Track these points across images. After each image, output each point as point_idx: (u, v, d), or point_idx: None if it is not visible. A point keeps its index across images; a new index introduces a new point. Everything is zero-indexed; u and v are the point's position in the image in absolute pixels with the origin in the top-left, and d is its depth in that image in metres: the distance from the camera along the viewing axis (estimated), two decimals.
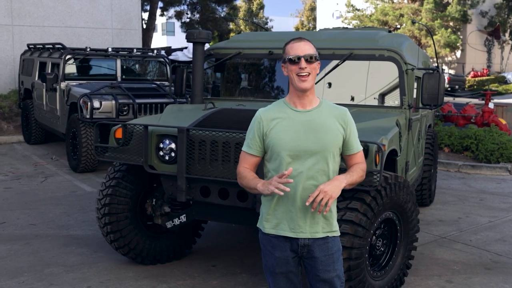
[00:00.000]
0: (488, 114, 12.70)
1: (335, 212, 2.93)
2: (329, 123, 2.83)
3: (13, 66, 15.50)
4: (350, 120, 2.90)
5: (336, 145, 2.84)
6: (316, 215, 2.81)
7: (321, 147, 2.79)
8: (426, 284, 4.85)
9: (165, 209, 4.94)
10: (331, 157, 2.83)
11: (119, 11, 17.72)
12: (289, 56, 2.81)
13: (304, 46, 2.82)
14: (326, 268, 2.87)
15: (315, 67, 2.83)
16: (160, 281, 4.78)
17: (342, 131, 2.86)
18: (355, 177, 2.86)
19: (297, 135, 2.80)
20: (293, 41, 2.87)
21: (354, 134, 2.92)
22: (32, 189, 8.16)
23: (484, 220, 6.95)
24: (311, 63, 2.80)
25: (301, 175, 2.79)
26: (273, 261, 2.91)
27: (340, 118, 2.87)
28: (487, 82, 29.77)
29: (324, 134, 2.81)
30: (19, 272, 4.93)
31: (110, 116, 9.10)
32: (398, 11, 34.21)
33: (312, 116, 2.83)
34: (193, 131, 4.34)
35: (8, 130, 13.50)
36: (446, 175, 9.97)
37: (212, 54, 5.88)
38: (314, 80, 2.84)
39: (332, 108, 2.90)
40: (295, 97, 2.87)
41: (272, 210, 2.88)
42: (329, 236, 2.87)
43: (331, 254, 2.88)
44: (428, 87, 5.05)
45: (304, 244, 2.85)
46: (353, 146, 2.91)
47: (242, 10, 52.99)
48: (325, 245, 2.86)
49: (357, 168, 2.90)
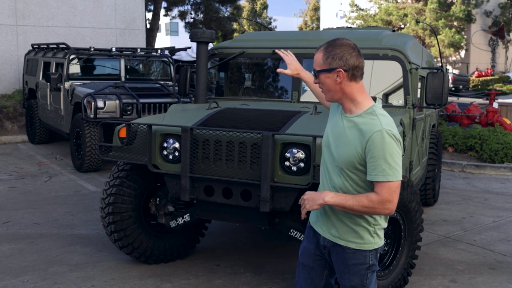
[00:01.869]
0: (492, 114, 12.68)
1: (366, 224, 2.69)
2: (352, 137, 2.60)
3: (18, 66, 15.55)
4: (372, 141, 2.52)
5: (349, 163, 2.60)
6: (329, 216, 2.73)
7: (336, 157, 2.66)
8: (430, 283, 4.85)
9: (169, 209, 4.95)
10: (344, 170, 2.63)
11: (123, 11, 17.74)
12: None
13: (315, 59, 2.68)
14: (342, 275, 2.78)
15: (325, 78, 2.63)
16: (164, 280, 4.79)
17: (359, 150, 2.57)
18: (350, 202, 2.55)
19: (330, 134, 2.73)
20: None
21: (373, 158, 2.52)
22: (36, 188, 8.18)
23: (488, 220, 6.93)
24: (317, 77, 2.68)
25: (324, 172, 2.78)
26: (302, 249, 2.94)
27: (364, 134, 2.56)
28: (492, 82, 29.73)
29: (343, 147, 2.62)
30: (23, 271, 4.94)
31: (114, 116, 9.12)
32: (402, 10, 34.18)
33: (346, 124, 2.65)
34: (197, 130, 4.34)
35: (12, 129, 13.53)
36: (450, 175, 9.96)
37: (216, 54, 5.88)
38: (331, 92, 2.65)
39: (366, 121, 2.59)
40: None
41: None
42: (346, 246, 2.71)
43: (347, 265, 2.73)
44: (432, 87, 5.04)
45: (324, 245, 2.80)
46: (370, 172, 2.55)
47: (246, 10, 53.02)
48: (342, 254, 2.73)
49: (365, 196, 2.56)
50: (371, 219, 2.69)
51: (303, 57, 5.32)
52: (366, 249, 2.71)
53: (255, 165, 4.16)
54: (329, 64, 2.61)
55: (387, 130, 2.52)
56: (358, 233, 2.69)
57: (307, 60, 5.33)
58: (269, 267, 5.11)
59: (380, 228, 2.73)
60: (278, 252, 5.49)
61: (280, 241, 5.74)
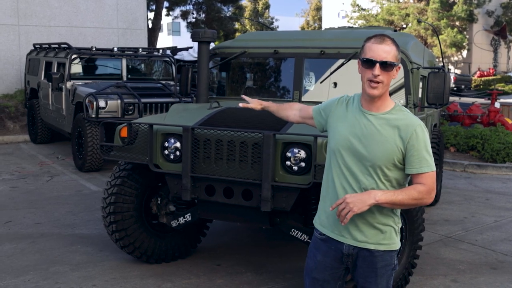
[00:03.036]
0: (494, 114, 12.67)
1: (394, 223, 2.69)
2: (386, 133, 2.56)
3: (19, 65, 15.56)
4: (416, 134, 2.54)
5: (387, 160, 2.56)
6: (356, 222, 2.63)
7: (368, 156, 2.58)
8: (432, 283, 4.84)
9: (170, 208, 4.95)
10: (378, 170, 2.58)
11: (125, 11, 17.75)
12: (363, 58, 2.56)
13: (384, 49, 2.54)
14: (367, 279, 2.70)
15: (390, 75, 2.57)
16: (165, 280, 4.79)
17: (400, 145, 2.55)
18: (400, 196, 2.51)
19: (351, 134, 2.62)
20: (374, 40, 2.59)
21: (418, 151, 2.53)
22: (37, 188, 8.19)
23: (490, 220, 6.93)
24: (386, 71, 2.54)
25: (344, 175, 2.64)
26: (313, 264, 2.79)
27: (403, 130, 2.55)
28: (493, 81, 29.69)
29: (377, 145, 2.56)
30: (25, 270, 4.94)
31: (115, 116, 9.13)
32: (404, 10, 34.18)
33: (374, 122, 2.60)
34: (198, 130, 4.34)
35: (14, 129, 13.55)
36: (452, 174, 9.95)
37: (217, 54, 5.88)
38: (386, 88, 2.59)
39: (401, 117, 2.60)
40: (363, 98, 2.66)
41: (323, 205, 2.77)
42: (377, 249, 2.65)
43: (375, 268, 2.67)
44: (434, 86, 5.03)
45: (348, 253, 2.69)
46: (413, 165, 2.55)
47: (248, 10, 53.05)
48: (370, 258, 2.66)
49: (413, 188, 2.55)
50: (396, 218, 2.70)
51: (305, 57, 5.31)
52: (393, 250, 2.70)
53: (256, 165, 4.16)
54: (398, 60, 2.60)
55: (422, 125, 2.59)
56: (386, 234, 2.67)
57: (308, 59, 5.33)
58: (270, 266, 5.11)
59: (400, 226, 2.76)
60: (279, 251, 5.49)
61: (281, 241, 5.73)
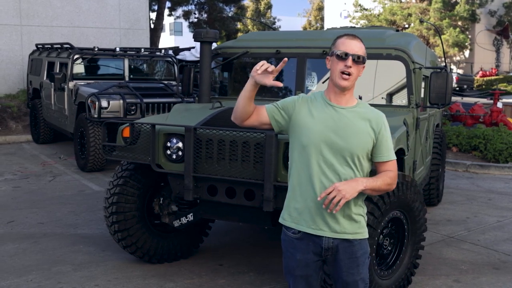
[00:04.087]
0: (496, 114, 12.66)
1: (362, 213, 2.83)
2: (360, 125, 2.72)
3: (22, 66, 15.58)
4: (384, 126, 2.78)
5: (362, 150, 2.72)
6: (335, 214, 2.71)
7: (347, 147, 2.69)
8: (434, 283, 4.84)
9: (172, 208, 4.95)
10: (356, 160, 2.71)
11: (127, 11, 17.76)
12: (337, 52, 2.70)
13: (355, 45, 2.71)
14: (349, 271, 2.79)
15: (360, 69, 2.74)
16: (167, 280, 4.79)
17: (372, 136, 2.74)
18: (379, 183, 2.71)
19: (326, 129, 2.71)
20: (346, 36, 2.75)
21: (386, 140, 2.77)
22: (40, 188, 8.20)
23: (492, 220, 6.92)
24: (357, 64, 2.70)
25: (321, 169, 2.70)
26: (294, 263, 2.87)
27: (374, 121, 2.75)
28: (496, 81, 29.68)
29: (352, 136, 2.70)
30: (27, 270, 4.95)
31: (118, 116, 9.13)
32: (406, 10, 34.15)
33: (345, 114, 2.73)
34: (200, 130, 4.35)
35: (16, 129, 13.56)
36: (454, 174, 9.94)
37: (220, 54, 5.88)
38: (355, 81, 2.74)
39: (368, 110, 2.79)
40: (332, 92, 2.77)
41: (293, 203, 2.82)
42: (354, 239, 2.77)
43: (356, 258, 2.79)
44: (436, 86, 5.03)
45: (328, 247, 2.76)
46: (383, 154, 2.77)
47: (250, 10, 53.03)
48: (350, 248, 2.77)
49: (385, 175, 2.76)
50: (364, 208, 2.85)
51: (307, 57, 5.31)
52: (367, 237, 2.85)
53: (259, 165, 4.16)
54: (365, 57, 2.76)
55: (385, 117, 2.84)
56: (360, 223, 2.80)
57: (310, 59, 5.33)
58: (273, 266, 5.11)
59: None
60: (281, 251, 5.48)
61: None
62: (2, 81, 15.52)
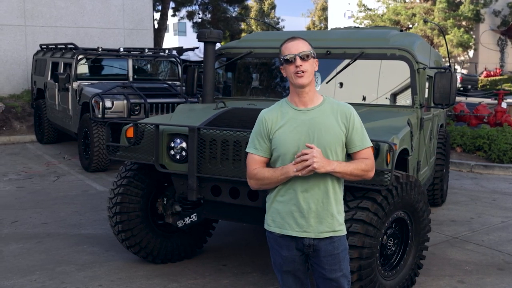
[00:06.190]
0: (501, 114, 12.63)
1: (342, 210, 2.91)
2: (330, 121, 2.81)
3: (26, 66, 15.62)
4: (353, 117, 2.85)
5: (337, 144, 2.81)
6: (320, 214, 2.81)
7: (322, 143, 2.77)
8: (438, 284, 4.83)
9: (176, 208, 4.95)
10: (333, 155, 2.80)
11: (131, 11, 17.79)
12: (285, 57, 2.81)
13: (298, 45, 2.81)
14: (332, 268, 2.88)
15: (311, 64, 2.81)
16: (171, 280, 4.80)
17: (343, 129, 2.83)
18: (351, 167, 2.77)
19: (299, 135, 2.79)
20: (287, 41, 2.86)
21: (357, 131, 2.85)
22: (44, 188, 8.22)
23: (497, 221, 6.90)
24: (306, 61, 2.79)
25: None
26: (281, 260, 2.96)
27: (343, 115, 2.84)
28: (500, 81, 29.59)
29: (325, 133, 2.78)
30: (31, 270, 4.96)
31: (121, 116, 9.14)
32: (410, 10, 34.10)
33: (314, 115, 2.82)
34: (204, 130, 4.34)
35: (21, 129, 13.60)
36: (458, 175, 9.91)
37: (223, 54, 5.88)
38: (312, 77, 2.82)
39: (335, 105, 2.87)
40: (295, 96, 2.86)
41: (276, 209, 2.91)
42: (335, 236, 2.86)
43: (337, 254, 2.87)
44: (440, 86, 5.02)
45: (309, 244, 2.85)
46: (356, 144, 2.85)
47: (254, 10, 53.08)
48: (331, 245, 2.86)
49: (360, 161, 2.83)
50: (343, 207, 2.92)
51: None
52: (345, 234, 2.93)
53: None
54: (312, 51, 2.84)
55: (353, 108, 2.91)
56: (340, 220, 2.88)
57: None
58: None
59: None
60: None
61: None
62: (7, 81, 15.57)
